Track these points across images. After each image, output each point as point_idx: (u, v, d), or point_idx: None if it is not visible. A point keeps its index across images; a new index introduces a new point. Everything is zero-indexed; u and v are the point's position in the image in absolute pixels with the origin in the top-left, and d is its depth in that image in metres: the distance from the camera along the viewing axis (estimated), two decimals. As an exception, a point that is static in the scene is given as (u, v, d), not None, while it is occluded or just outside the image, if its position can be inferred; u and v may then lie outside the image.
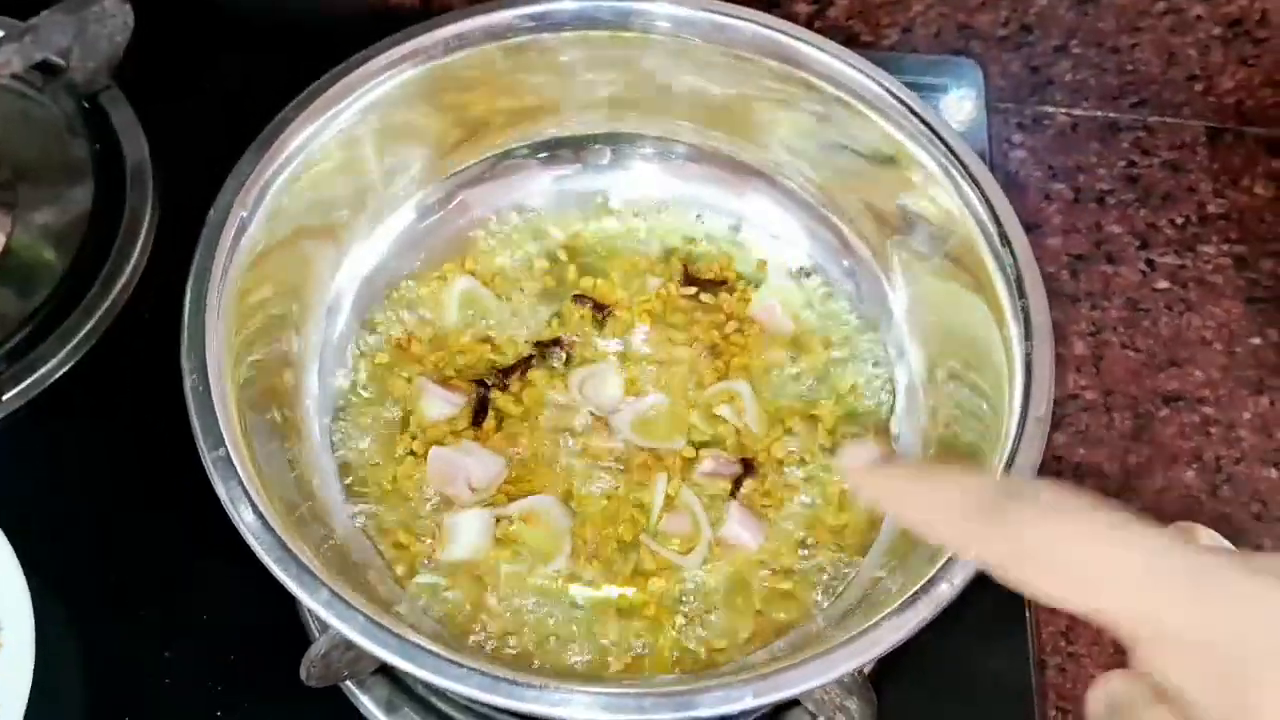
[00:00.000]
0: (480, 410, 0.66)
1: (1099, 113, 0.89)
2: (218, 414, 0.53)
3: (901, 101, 0.63)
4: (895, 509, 0.42)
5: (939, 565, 0.51)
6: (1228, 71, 0.85)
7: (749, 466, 0.65)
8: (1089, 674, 0.67)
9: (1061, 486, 0.36)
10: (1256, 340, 0.79)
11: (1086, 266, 0.82)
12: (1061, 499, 0.35)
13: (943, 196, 0.62)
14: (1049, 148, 0.87)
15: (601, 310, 0.70)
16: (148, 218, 0.75)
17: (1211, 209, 0.85)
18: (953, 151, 0.61)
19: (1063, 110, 0.89)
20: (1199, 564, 0.33)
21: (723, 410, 0.67)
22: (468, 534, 0.61)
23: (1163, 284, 0.81)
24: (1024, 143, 0.88)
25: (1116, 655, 0.67)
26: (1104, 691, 0.36)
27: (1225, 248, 0.83)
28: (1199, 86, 0.87)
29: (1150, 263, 0.82)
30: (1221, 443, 0.75)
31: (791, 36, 0.65)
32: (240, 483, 0.52)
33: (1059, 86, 0.88)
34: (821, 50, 0.65)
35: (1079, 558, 0.34)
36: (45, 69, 0.76)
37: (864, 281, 0.71)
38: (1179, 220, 0.84)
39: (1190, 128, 0.88)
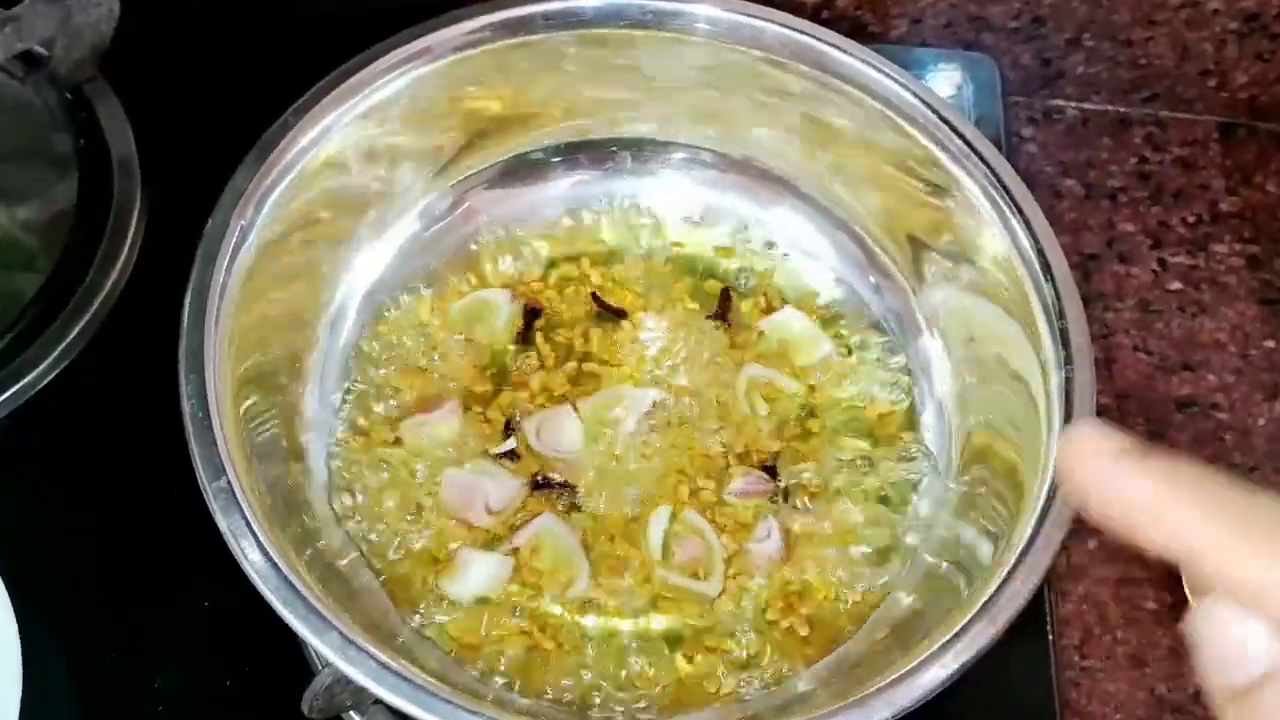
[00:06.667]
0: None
1: (1110, 107, 0.87)
2: (218, 442, 0.51)
3: (940, 116, 0.61)
4: (1143, 522, 0.30)
5: (980, 602, 0.49)
6: (1242, 66, 0.84)
7: (782, 485, 0.64)
8: (1104, 689, 0.66)
9: None
10: (1270, 343, 0.78)
11: (1099, 266, 0.80)
12: None
13: (978, 215, 0.61)
14: (1060, 143, 0.86)
15: (618, 315, 0.68)
16: (135, 215, 0.72)
17: (1224, 207, 0.83)
18: (991, 169, 0.60)
19: (1073, 104, 0.87)
20: None
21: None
22: (480, 574, 0.59)
23: (1175, 285, 0.80)
24: (1035, 137, 0.86)
25: (1131, 670, 0.67)
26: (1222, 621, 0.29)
27: (1238, 247, 0.81)
28: (1212, 82, 0.85)
29: (1162, 262, 0.81)
30: (1236, 450, 0.74)
31: (825, 42, 0.63)
32: (243, 515, 0.49)
33: (1070, 80, 0.86)
34: (860, 60, 0.63)
35: None
36: (27, 59, 0.73)
37: (892, 298, 0.69)
38: (1191, 219, 0.83)
39: (1203, 123, 0.87)
